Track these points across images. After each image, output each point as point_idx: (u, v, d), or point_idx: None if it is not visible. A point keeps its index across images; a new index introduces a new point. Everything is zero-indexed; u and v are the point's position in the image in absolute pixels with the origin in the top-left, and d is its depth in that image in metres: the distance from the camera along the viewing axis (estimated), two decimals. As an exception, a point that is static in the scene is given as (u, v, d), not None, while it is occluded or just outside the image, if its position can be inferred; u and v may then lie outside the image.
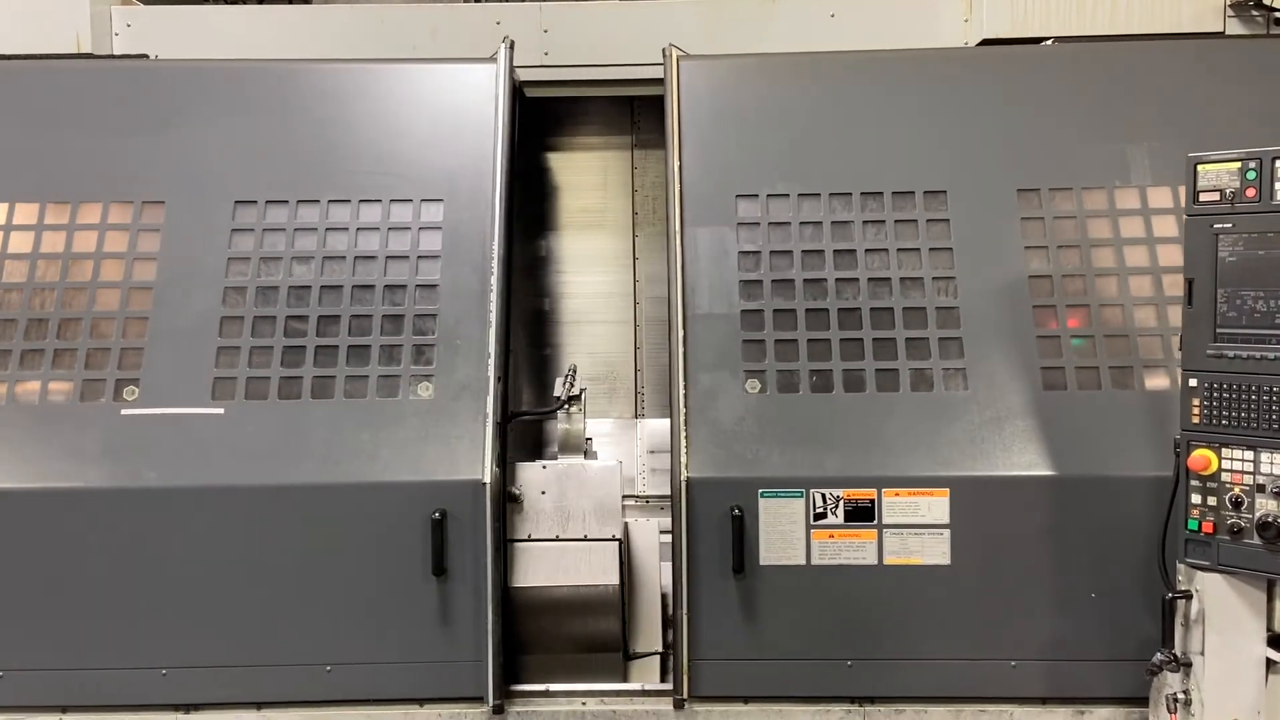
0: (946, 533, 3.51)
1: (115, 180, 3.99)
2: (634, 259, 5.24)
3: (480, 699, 3.58)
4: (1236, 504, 3.10)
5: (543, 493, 3.90)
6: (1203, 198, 3.19)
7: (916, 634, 3.56)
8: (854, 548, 3.54)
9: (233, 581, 3.55)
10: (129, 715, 3.59)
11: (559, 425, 4.21)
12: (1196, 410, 3.19)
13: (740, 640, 3.57)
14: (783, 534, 3.53)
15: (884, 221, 3.88)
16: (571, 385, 4.20)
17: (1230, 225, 3.13)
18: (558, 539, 3.83)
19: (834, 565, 3.54)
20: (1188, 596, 3.23)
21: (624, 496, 4.00)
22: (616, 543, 3.83)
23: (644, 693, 3.72)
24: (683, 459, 3.56)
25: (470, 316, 3.78)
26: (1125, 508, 3.49)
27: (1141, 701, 3.49)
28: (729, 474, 3.55)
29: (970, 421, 3.60)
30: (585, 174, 5.27)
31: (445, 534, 3.51)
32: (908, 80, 4.10)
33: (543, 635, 3.81)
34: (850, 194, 3.93)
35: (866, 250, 3.85)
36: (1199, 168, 3.19)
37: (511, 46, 4.16)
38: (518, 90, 4.22)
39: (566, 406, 4.17)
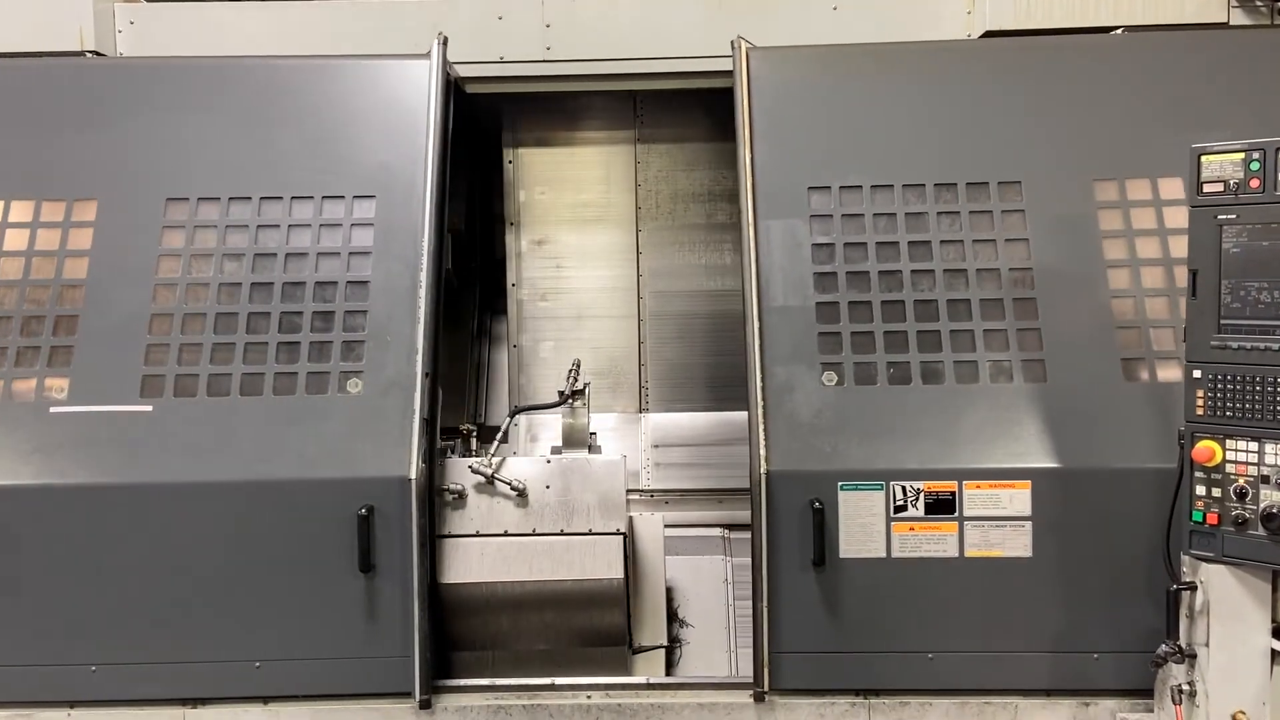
0: (1028, 525, 3.50)
1: (48, 177, 4.00)
2: (637, 254, 5.24)
3: (409, 694, 3.59)
4: (1241, 495, 3.10)
5: (547, 487, 3.91)
6: (1206, 189, 3.18)
7: (997, 626, 3.54)
8: (934, 540, 3.54)
9: (162, 579, 3.56)
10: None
11: (563, 420, 4.22)
12: (1201, 402, 3.19)
13: (820, 633, 3.56)
14: (863, 526, 3.53)
15: (958, 213, 3.88)
16: (575, 380, 4.20)
17: (1234, 216, 3.12)
18: (562, 533, 3.84)
19: (914, 558, 3.54)
20: (1192, 588, 3.23)
21: (628, 491, 4.01)
22: (621, 537, 3.84)
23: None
24: (761, 452, 3.56)
25: (401, 313, 3.79)
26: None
27: (1146, 693, 3.50)
28: (808, 467, 3.55)
29: (1050, 413, 3.58)
30: (588, 168, 5.26)
31: (372, 530, 3.52)
32: (976, 70, 4.09)
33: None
34: (923, 185, 3.92)
35: (941, 241, 3.84)
36: (1203, 159, 3.19)
37: (445, 42, 4.16)
38: (453, 86, 4.21)
39: (570, 401, 4.17)
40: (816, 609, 3.56)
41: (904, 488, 3.53)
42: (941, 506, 3.53)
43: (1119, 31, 4.25)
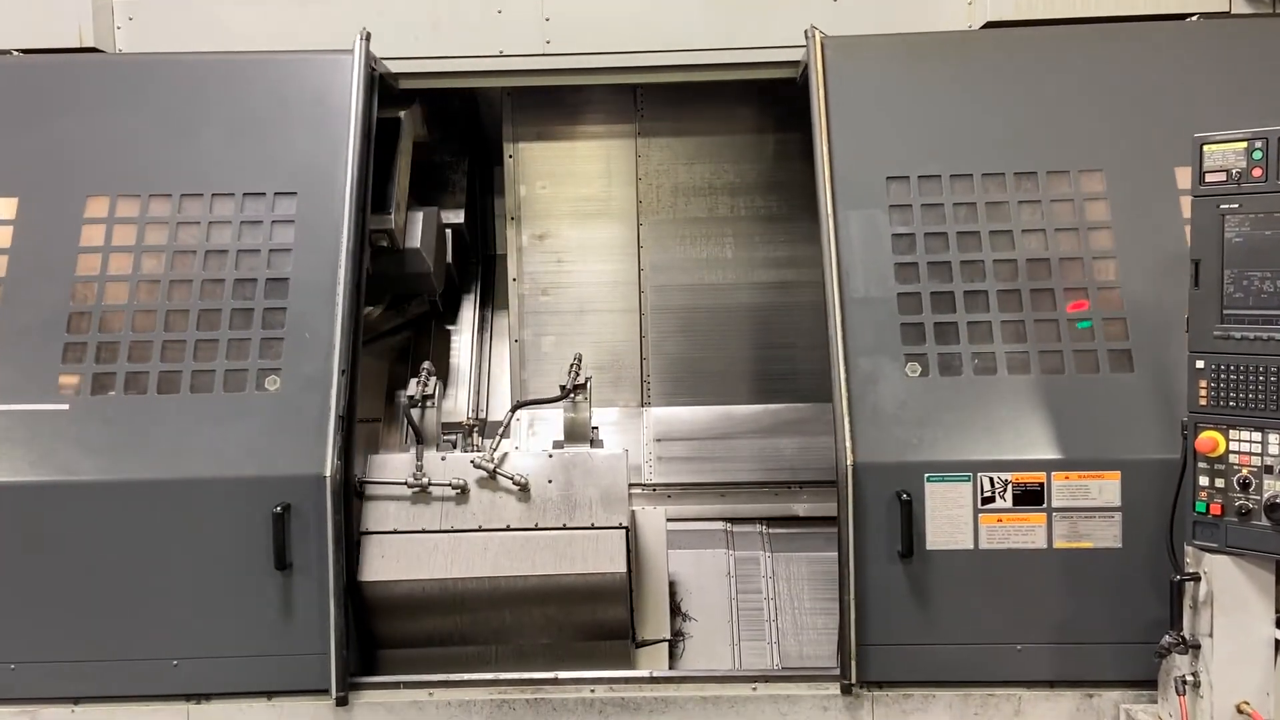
0: (1118, 516, 3.48)
1: None
2: (638, 247, 5.23)
3: (326, 691, 3.59)
4: (1244, 485, 3.09)
5: (549, 481, 3.91)
6: (1209, 178, 3.17)
7: (1087, 618, 3.52)
8: (1023, 531, 3.53)
9: (78, 577, 3.56)
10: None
11: (565, 414, 4.22)
12: (1204, 392, 3.18)
13: (908, 625, 3.55)
14: (950, 518, 3.52)
15: (1039, 201, 3.86)
16: (577, 374, 4.20)
17: (1237, 205, 3.11)
18: (564, 527, 3.84)
19: (1002, 550, 3.52)
20: (1196, 579, 3.22)
21: (630, 485, 4.00)
22: (623, 531, 3.83)
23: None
24: (847, 444, 3.55)
25: (320, 311, 3.78)
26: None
27: (1150, 684, 3.50)
28: (894, 459, 3.54)
29: (1138, 403, 3.56)
30: (589, 162, 5.25)
31: (287, 528, 3.52)
32: (1055, 57, 4.06)
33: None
34: (1003, 174, 3.90)
35: (1023, 230, 3.82)
36: (1205, 148, 3.18)
37: (368, 38, 4.14)
38: (376, 81, 4.19)
39: (572, 396, 4.17)
40: (904, 601, 3.54)
41: (992, 479, 3.52)
42: (1029, 498, 3.52)
43: (1194, 18, 4.21)
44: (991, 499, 3.53)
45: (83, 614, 3.58)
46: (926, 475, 3.52)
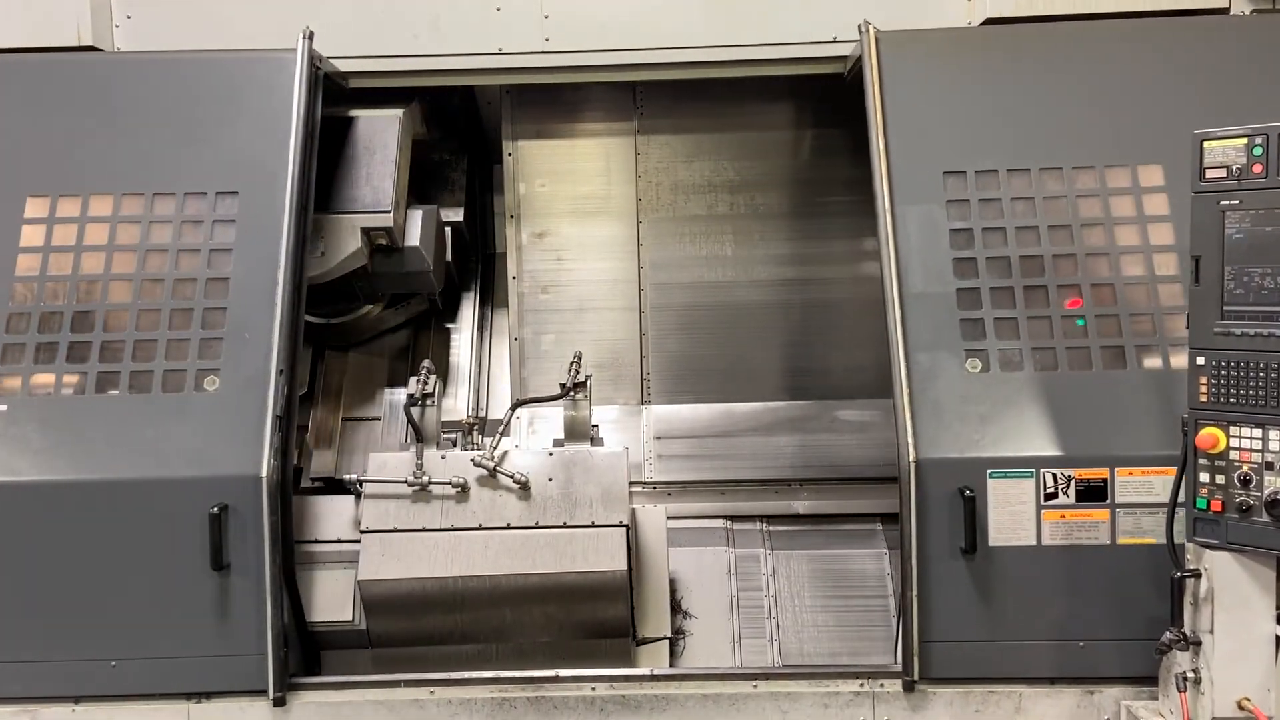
0: (1181, 512, 3.42)
1: None
2: (638, 245, 5.22)
3: (264, 691, 3.59)
4: (1245, 482, 3.09)
5: (549, 480, 3.91)
6: (1209, 174, 3.17)
7: (1151, 615, 3.48)
8: (1086, 527, 3.53)
9: (15, 578, 3.57)
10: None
11: (565, 412, 4.22)
12: (1204, 388, 3.18)
13: (970, 621, 3.54)
14: (1013, 514, 3.52)
15: (1098, 195, 3.85)
16: (577, 372, 4.19)
17: (1237, 202, 3.11)
18: (565, 525, 3.84)
19: (1066, 545, 3.52)
20: (1196, 575, 3.23)
21: (631, 483, 4.01)
22: (624, 529, 3.83)
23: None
24: (909, 440, 3.55)
25: (260, 310, 3.78)
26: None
27: (1150, 680, 3.50)
28: (956, 454, 3.54)
29: None
30: (588, 160, 5.24)
31: (224, 529, 3.53)
32: (1110, 52, 4.05)
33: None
34: (1060, 168, 3.89)
35: (1082, 225, 3.81)
36: (1205, 144, 3.18)
37: (310, 36, 4.14)
38: (320, 80, 4.19)
39: (572, 394, 4.17)
40: (966, 598, 3.54)
41: (1054, 475, 3.52)
42: (1093, 493, 3.52)
43: (1247, 12, 4.20)
44: (1054, 495, 3.52)
45: (18, 614, 3.58)
46: (989, 471, 3.52)
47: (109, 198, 3.98)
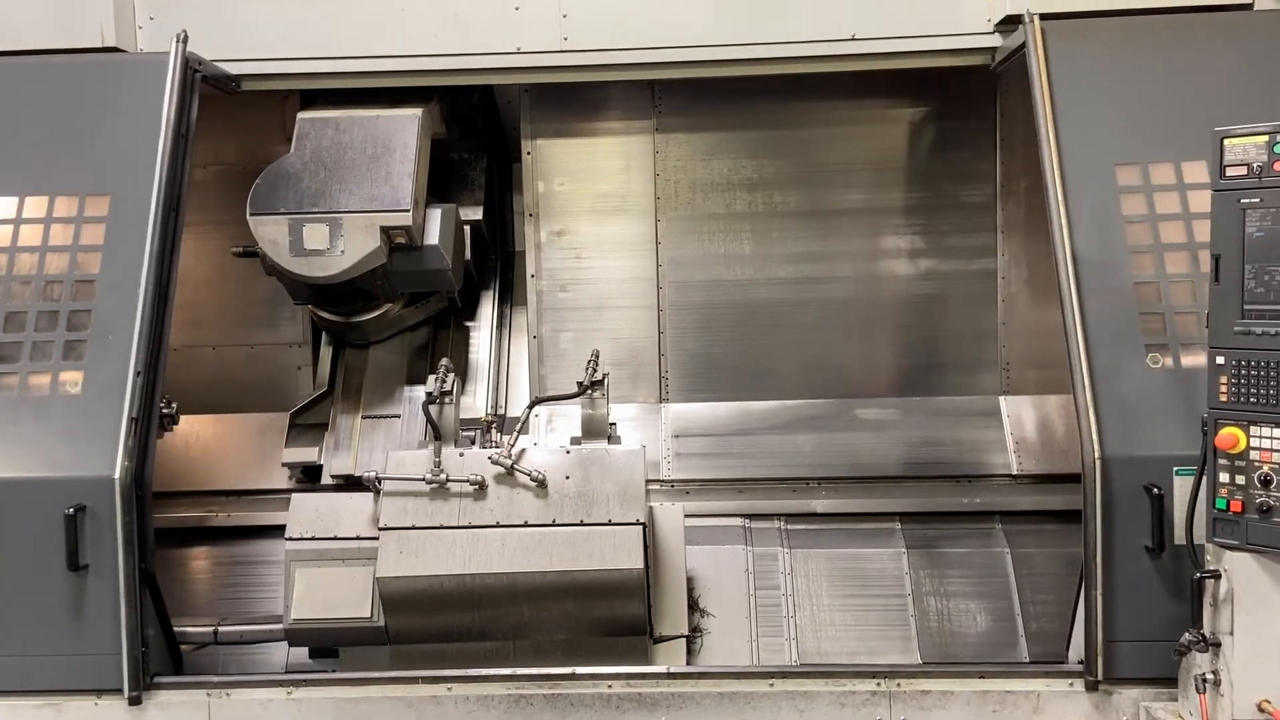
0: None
1: None
2: (656, 243, 5.23)
3: (120, 690, 3.63)
4: (1265, 482, 3.06)
5: (567, 478, 3.91)
6: (1229, 172, 3.14)
7: None
8: None
9: None
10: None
11: (583, 410, 4.22)
12: (1224, 388, 3.15)
13: (1157, 621, 3.49)
14: (1200, 511, 3.40)
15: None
16: (595, 370, 4.20)
17: (1258, 200, 3.08)
18: (582, 523, 3.85)
19: None
20: (1216, 576, 3.20)
21: (648, 481, 4.00)
22: (641, 527, 3.83)
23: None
24: (1094, 437, 3.52)
25: (125, 311, 3.82)
26: None
27: (1170, 682, 3.47)
28: (1141, 452, 3.50)
29: None
30: (607, 159, 5.25)
31: (79, 529, 3.58)
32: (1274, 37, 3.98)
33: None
34: None
35: None
36: (1225, 142, 3.15)
37: (184, 39, 4.17)
38: (194, 83, 4.22)
39: (590, 392, 4.17)
40: (1153, 596, 3.49)
41: None
42: None
43: None
44: None
45: None
46: (1175, 469, 3.46)
47: None
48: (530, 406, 4.45)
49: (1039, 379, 5.01)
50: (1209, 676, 3.20)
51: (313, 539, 3.96)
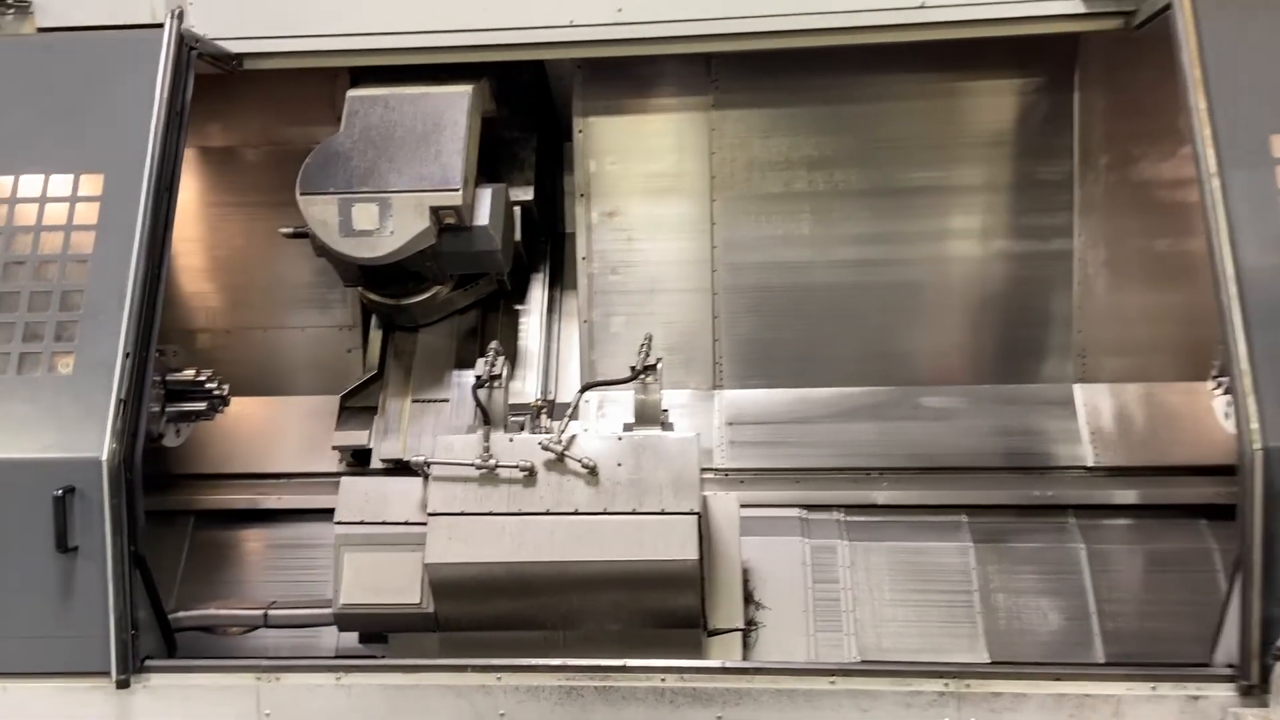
0: None
1: None
2: (711, 224, 5.08)
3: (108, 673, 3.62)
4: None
5: (619, 465, 3.82)
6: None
7: None
8: None
9: None
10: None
11: (635, 396, 4.11)
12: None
13: None
14: None
15: None
16: (647, 355, 4.08)
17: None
18: (634, 512, 3.74)
19: None
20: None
21: (702, 469, 3.89)
22: (695, 517, 3.72)
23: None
24: (1252, 426, 3.35)
25: (117, 292, 3.79)
26: None
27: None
28: None
29: None
30: (660, 137, 5.10)
31: (68, 511, 3.57)
32: None
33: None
34: None
35: None
36: (1275, 139, 2.91)
37: (179, 15, 4.12)
38: (190, 60, 4.15)
39: (642, 377, 4.06)
40: None
41: None
42: None
43: None
44: None
45: None
46: None
47: None
48: (582, 391, 4.35)
49: (1116, 367, 4.78)
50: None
51: (361, 523, 3.92)
